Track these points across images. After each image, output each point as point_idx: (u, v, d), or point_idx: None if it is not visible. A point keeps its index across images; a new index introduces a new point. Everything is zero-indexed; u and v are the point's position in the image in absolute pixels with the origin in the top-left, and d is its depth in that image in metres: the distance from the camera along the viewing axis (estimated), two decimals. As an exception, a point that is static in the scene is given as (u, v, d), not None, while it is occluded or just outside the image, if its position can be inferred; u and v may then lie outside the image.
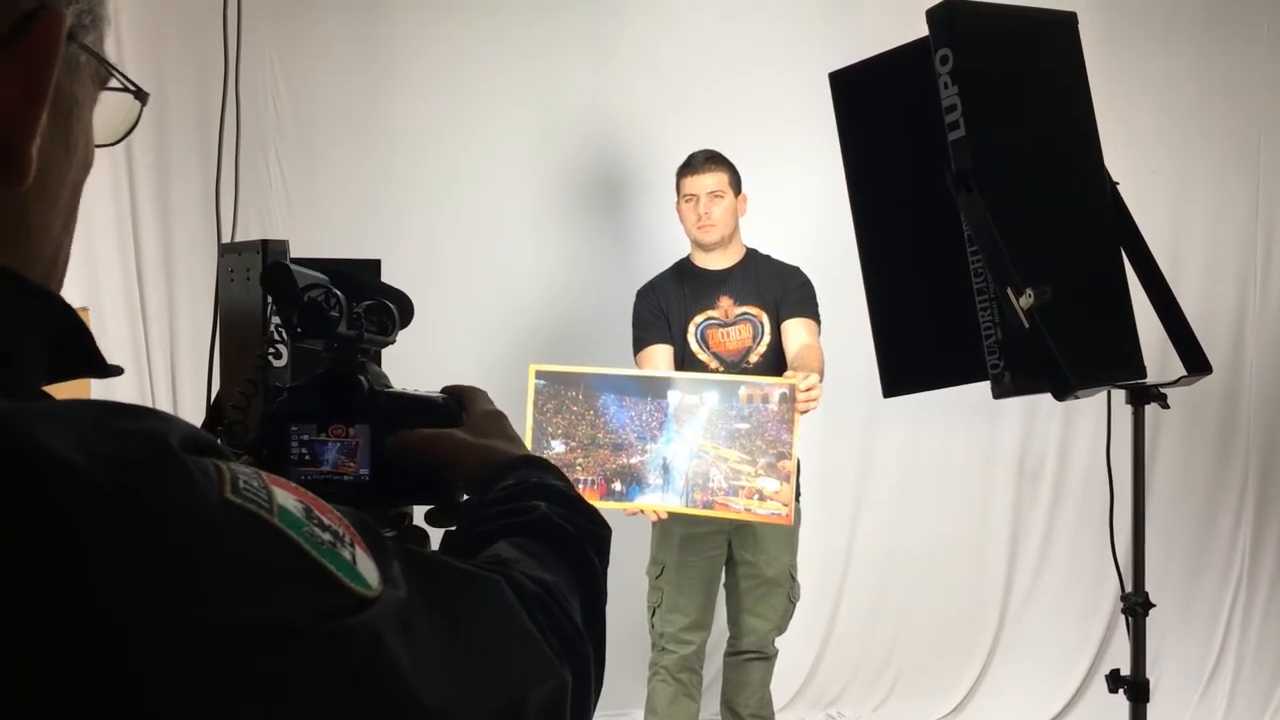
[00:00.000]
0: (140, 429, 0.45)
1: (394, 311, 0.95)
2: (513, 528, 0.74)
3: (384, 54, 3.98)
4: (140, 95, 0.61)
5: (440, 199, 3.96)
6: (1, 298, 0.49)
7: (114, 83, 0.59)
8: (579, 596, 0.70)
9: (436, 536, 0.86)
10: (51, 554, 0.39)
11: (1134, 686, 2.05)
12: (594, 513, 0.81)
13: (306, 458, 0.89)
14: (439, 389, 0.95)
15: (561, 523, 0.76)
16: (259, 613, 0.43)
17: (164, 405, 3.82)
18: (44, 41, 0.50)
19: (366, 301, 0.94)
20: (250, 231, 2.78)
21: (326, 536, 0.48)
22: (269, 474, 0.48)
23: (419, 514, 0.95)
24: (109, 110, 0.60)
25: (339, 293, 0.89)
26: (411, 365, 1.45)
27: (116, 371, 0.55)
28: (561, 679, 0.61)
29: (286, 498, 0.48)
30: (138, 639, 0.40)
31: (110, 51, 0.58)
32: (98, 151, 0.59)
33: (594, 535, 0.78)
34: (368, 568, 0.49)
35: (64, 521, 0.40)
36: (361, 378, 0.91)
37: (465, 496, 0.89)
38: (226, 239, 1.93)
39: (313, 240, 3.63)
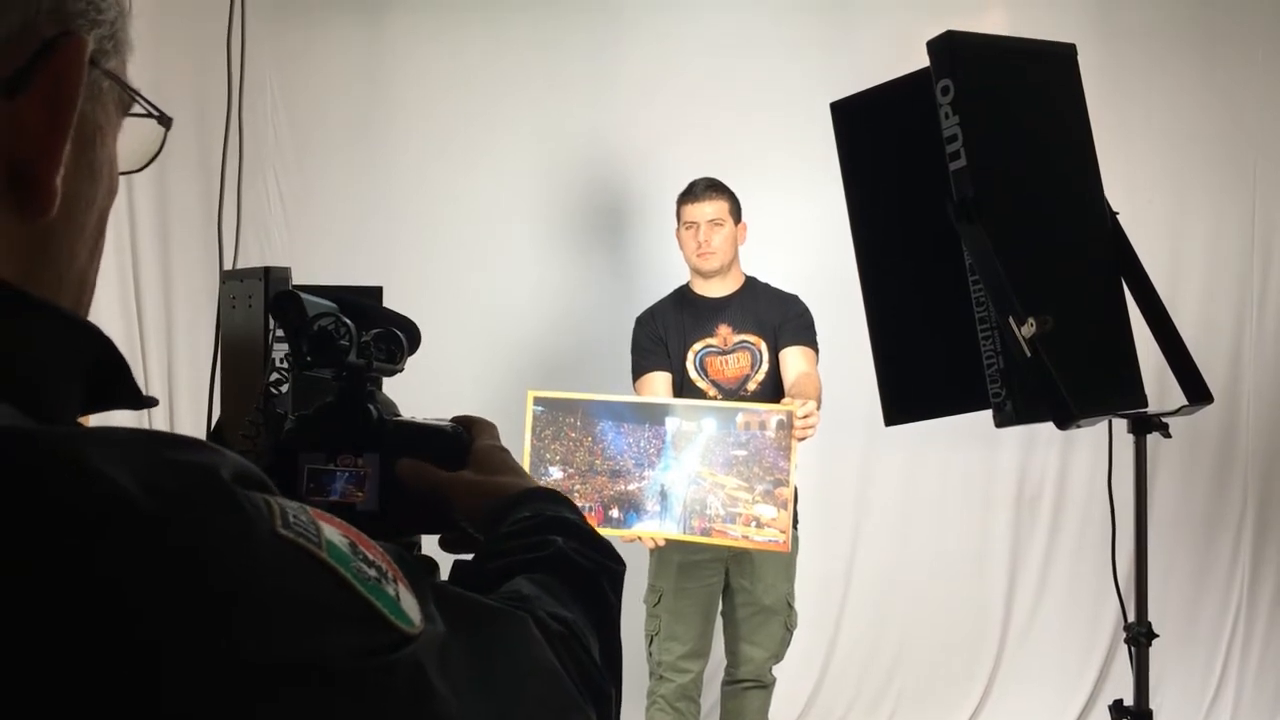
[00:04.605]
0: (193, 460, 0.44)
1: (402, 340, 0.95)
2: (530, 563, 0.74)
3: (384, 79, 4.00)
4: (164, 120, 0.60)
5: (440, 224, 3.97)
6: (39, 329, 0.49)
7: (136, 108, 0.58)
8: (596, 634, 0.70)
9: (445, 564, 0.86)
10: (98, 579, 0.38)
11: (1137, 717, 2.04)
12: (609, 547, 0.80)
13: (314, 487, 0.88)
14: (439, 416, 0.94)
15: (578, 559, 0.75)
16: (309, 649, 0.42)
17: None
18: (67, 68, 0.49)
19: (375, 329, 0.93)
20: (249, 257, 2.78)
21: (372, 572, 0.47)
22: (314, 509, 0.48)
23: (429, 543, 0.94)
24: (131, 136, 0.59)
25: (348, 321, 0.89)
26: (409, 391, 1.45)
27: (151, 403, 0.54)
28: (586, 718, 0.61)
29: (333, 533, 0.47)
30: (179, 674, 0.39)
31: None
32: None
33: (610, 571, 0.77)
34: (410, 604, 0.48)
35: (113, 547, 0.39)
36: (371, 406, 0.91)
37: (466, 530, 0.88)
38: (228, 265, 1.93)
39: (313, 265, 3.64)
